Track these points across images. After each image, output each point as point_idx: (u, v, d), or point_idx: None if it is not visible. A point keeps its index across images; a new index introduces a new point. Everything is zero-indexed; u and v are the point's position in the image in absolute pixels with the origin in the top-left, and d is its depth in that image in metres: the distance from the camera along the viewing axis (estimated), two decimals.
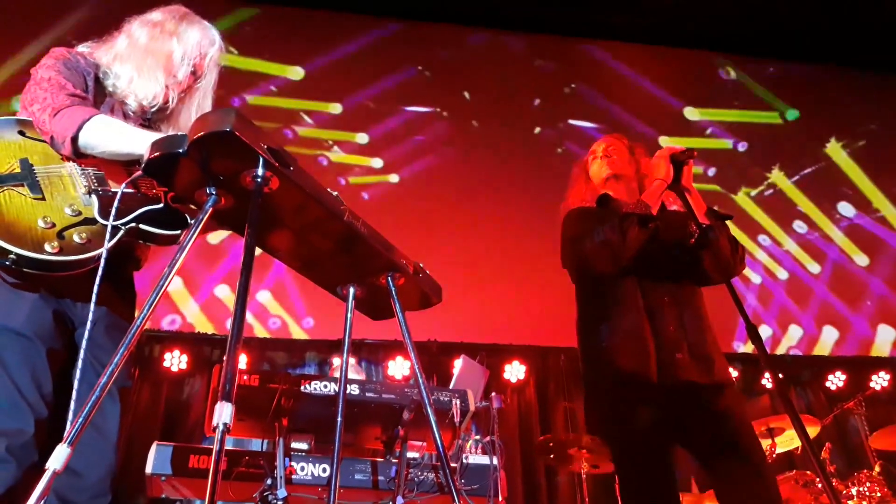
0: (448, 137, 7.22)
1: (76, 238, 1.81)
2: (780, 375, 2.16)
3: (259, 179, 1.50)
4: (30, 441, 1.77)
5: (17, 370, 1.81)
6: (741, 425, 2.42)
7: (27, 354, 1.84)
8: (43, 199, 1.84)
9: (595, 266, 2.63)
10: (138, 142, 1.82)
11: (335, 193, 1.70)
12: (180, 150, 1.48)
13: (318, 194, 1.63)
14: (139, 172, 1.77)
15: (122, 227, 1.87)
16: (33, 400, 1.82)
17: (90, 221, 1.86)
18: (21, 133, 1.95)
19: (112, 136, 1.87)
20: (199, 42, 2.17)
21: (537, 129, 7.49)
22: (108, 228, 1.80)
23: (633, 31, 7.75)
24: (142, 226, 1.91)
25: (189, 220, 1.97)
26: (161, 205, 1.91)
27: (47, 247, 1.76)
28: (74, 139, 1.86)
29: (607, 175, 2.86)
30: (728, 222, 2.68)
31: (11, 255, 1.72)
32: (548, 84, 7.70)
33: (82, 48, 2.15)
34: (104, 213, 1.84)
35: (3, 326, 1.84)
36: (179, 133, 1.54)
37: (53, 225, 1.80)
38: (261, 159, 1.49)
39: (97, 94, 2.08)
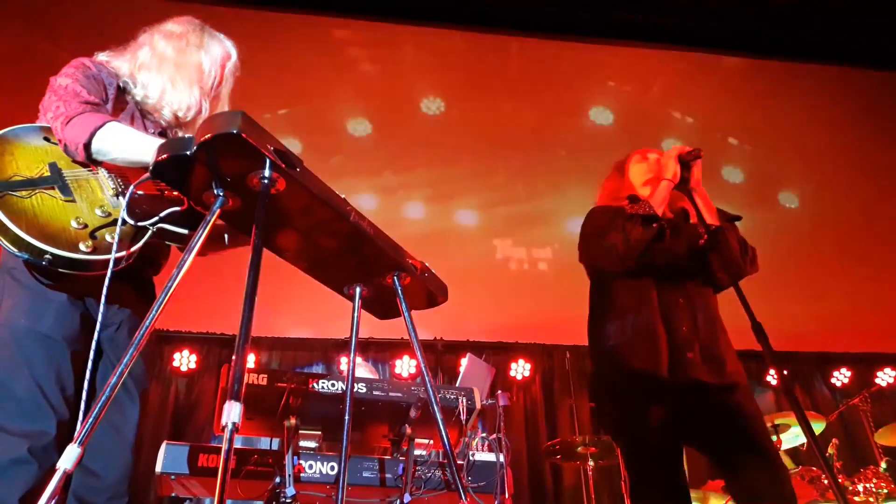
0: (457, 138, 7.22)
1: (108, 238, 1.85)
2: (785, 372, 2.16)
3: (266, 181, 1.52)
4: (51, 443, 1.80)
5: (42, 372, 1.85)
6: (753, 422, 2.42)
7: (53, 357, 1.87)
8: (73, 201, 1.88)
9: (603, 265, 2.67)
10: (149, 148, 1.84)
11: (343, 197, 1.72)
12: (187, 153, 1.50)
13: (325, 195, 1.64)
14: (146, 175, 1.79)
15: (151, 228, 1.91)
16: (56, 402, 1.85)
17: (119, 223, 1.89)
18: (46, 139, 1.99)
19: (124, 142, 1.90)
20: (222, 54, 2.26)
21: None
22: (118, 225, 1.82)
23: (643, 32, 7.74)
24: (167, 226, 1.94)
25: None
26: (184, 206, 1.94)
27: (82, 246, 1.79)
28: (87, 146, 1.89)
29: (652, 175, 2.81)
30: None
31: (47, 255, 1.76)
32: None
33: (102, 57, 2.20)
34: (132, 214, 1.88)
35: (31, 329, 1.87)
36: (187, 135, 1.56)
37: (86, 226, 1.84)
38: (267, 161, 1.50)
39: (117, 103, 2.13)
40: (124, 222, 1.86)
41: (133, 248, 1.87)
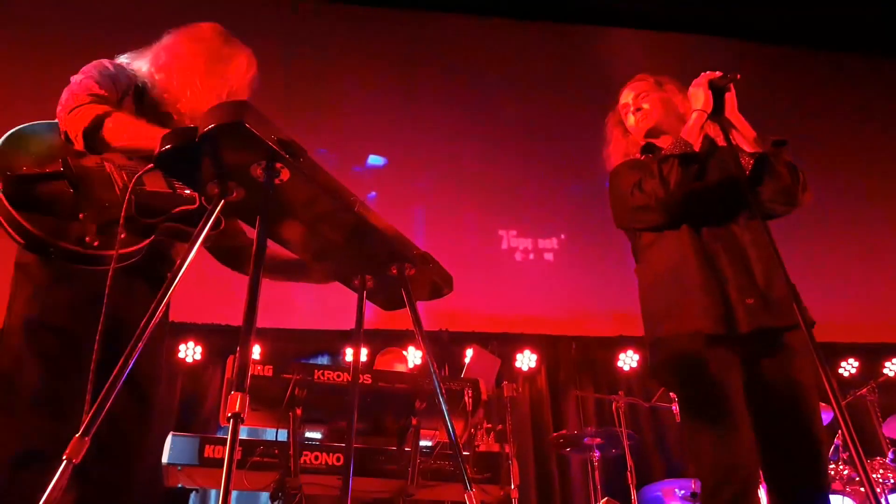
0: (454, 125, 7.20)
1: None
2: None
3: (270, 171, 1.51)
4: (66, 435, 1.81)
5: (56, 364, 1.87)
6: (805, 402, 2.23)
7: (66, 349, 1.89)
8: (83, 196, 1.90)
9: (645, 221, 2.45)
10: (151, 137, 1.84)
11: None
12: (190, 143, 1.49)
13: (329, 185, 1.63)
14: (150, 166, 1.79)
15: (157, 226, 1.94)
16: (70, 395, 1.84)
17: (128, 219, 1.89)
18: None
19: (124, 131, 1.92)
20: (244, 65, 2.29)
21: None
22: (121, 220, 1.83)
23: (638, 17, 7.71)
24: (177, 224, 1.97)
25: (223, 221, 2.03)
26: (196, 205, 1.95)
27: (87, 241, 1.83)
28: (87, 133, 1.91)
29: (646, 130, 2.61)
30: None
31: (52, 249, 1.80)
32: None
33: (123, 59, 2.22)
34: (142, 211, 1.90)
35: (44, 323, 1.90)
36: (190, 126, 1.55)
37: (93, 220, 1.87)
38: (271, 151, 1.49)
39: (135, 104, 2.14)
40: (128, 218, 1.87)
41: (135, 246, 1.88)
